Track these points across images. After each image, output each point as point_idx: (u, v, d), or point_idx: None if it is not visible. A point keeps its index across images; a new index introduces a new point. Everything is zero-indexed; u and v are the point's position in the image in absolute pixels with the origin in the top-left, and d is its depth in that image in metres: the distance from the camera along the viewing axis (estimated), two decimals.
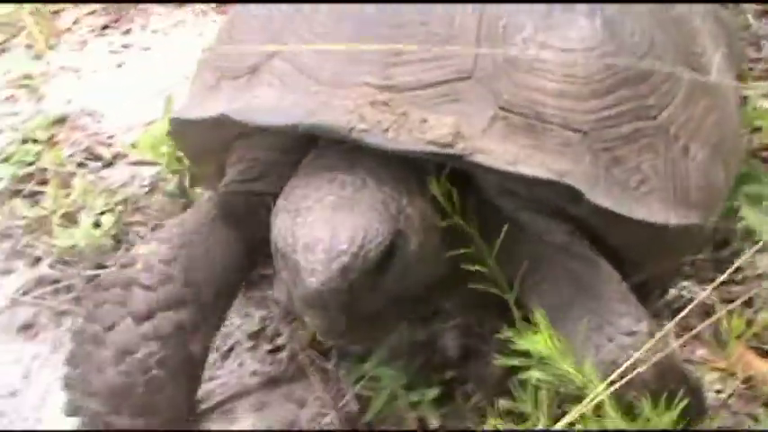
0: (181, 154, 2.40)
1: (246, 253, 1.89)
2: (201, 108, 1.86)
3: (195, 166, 2.29)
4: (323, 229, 1.50)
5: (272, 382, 2.07)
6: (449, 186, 1.64)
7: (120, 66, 3.27)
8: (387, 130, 1.58)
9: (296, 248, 1.50)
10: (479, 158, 1.58)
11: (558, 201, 1.72)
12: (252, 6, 1.91)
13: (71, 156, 2.79)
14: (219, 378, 2.09)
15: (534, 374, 1.56)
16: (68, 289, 2.34)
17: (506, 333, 1.58)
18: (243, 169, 1.93)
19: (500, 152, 1.60)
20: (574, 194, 1.64)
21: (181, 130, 1.99)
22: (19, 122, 3.00)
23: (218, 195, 1.95)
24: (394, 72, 1.65)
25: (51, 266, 2.40)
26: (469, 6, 1.70)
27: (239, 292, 1.98)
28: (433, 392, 1.94)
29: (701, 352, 2.00)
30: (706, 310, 1.93)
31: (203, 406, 2.01)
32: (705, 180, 1.84)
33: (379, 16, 1.70)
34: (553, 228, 1.75)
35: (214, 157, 2.04)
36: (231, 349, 2.16)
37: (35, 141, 2.87)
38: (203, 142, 2.02)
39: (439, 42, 1.66)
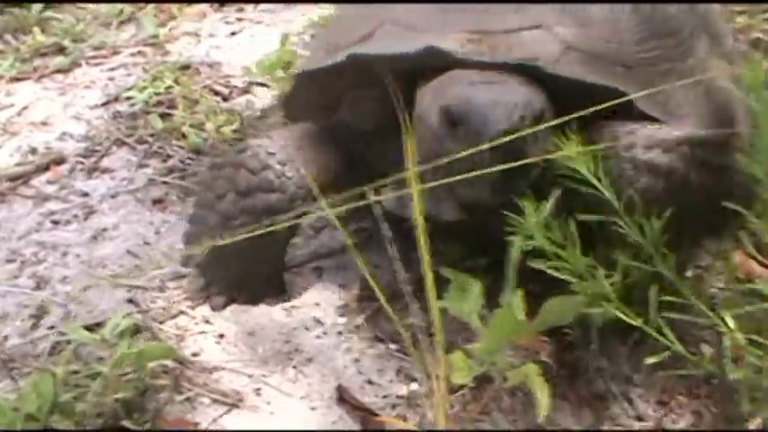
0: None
1: (335, 166, 2.30)
2: (330, 60, 2.23)
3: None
4: (496, 95, 1.90)
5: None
6: None
7: (233, 33, 3.86)
8: (483, 53, 2.07)
9: (477, 108, 1.88)
10: (551, 69, 2.05)
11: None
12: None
13: (194, 89, 3.33)
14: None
15: None
16: (193, 175, 2.84)
17: None
18: (349, 112, 2.37)
19: (566, 69, 2.08)
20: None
21: (303, 84, 2.40)
22: (148, 68, 3.57)
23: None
24: (484, 22, 2.13)
25: (181, 161, 2.90)
26: None
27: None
28: (483, 262, 2.29)
29: None
30: None
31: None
32: (731, 114, 2.17)
33: None
34: None
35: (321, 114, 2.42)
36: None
37: (163, 80, 3.42)
38: (316, 97, 2.43)
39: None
